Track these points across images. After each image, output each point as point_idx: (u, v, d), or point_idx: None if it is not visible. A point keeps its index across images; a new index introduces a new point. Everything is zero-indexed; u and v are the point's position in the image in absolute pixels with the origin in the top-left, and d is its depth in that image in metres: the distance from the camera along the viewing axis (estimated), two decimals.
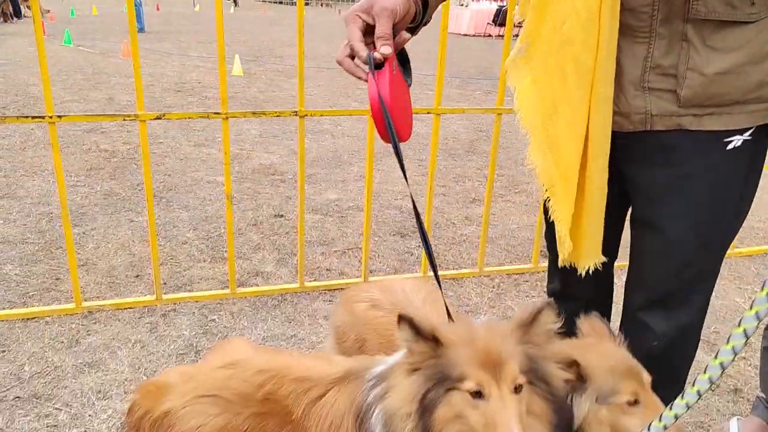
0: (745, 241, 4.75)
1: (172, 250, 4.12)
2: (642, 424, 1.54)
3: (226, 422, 1.58)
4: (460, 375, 1.33)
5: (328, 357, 1.74)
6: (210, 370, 1.68)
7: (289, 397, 1.57)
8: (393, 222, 4.81)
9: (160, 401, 1.64)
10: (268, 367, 1.63)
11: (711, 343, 3.40)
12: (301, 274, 3.66)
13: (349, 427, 1.51)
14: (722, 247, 1.90)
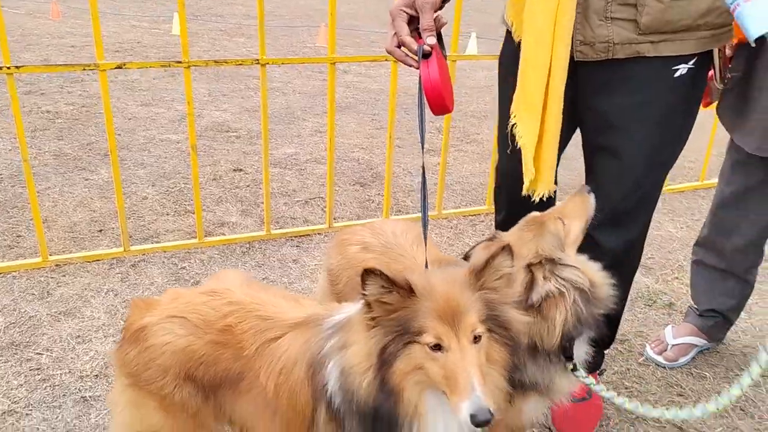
0: (677, 179, 5.11)
1: (133, 206, 4.12)
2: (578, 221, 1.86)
3: (189, 344, 1.65)
4: (419, 328, 1.34)
5: (300, 300, 1.77)
6: (194, 294, 1.76)
7: (246, 333, 1.63)
8: (352, 173, 4.93)
9: (143, 315, 1.73)
10: (239, 301, 1.69)
11: (648, 267, 3.71)
12: (268, 221, 3.76)
13: (300, 374, 1.56)
14: (666, 170, 2.14)
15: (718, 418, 2.55)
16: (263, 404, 1.64)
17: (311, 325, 1.62)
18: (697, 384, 2.75)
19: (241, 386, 1.66)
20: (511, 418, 1.95)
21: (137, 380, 1.70)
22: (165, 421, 1.73)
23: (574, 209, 1.90)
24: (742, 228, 2.68)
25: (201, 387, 1.68)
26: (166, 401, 1.69)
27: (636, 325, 3.17)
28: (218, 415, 1.73)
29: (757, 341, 3.09)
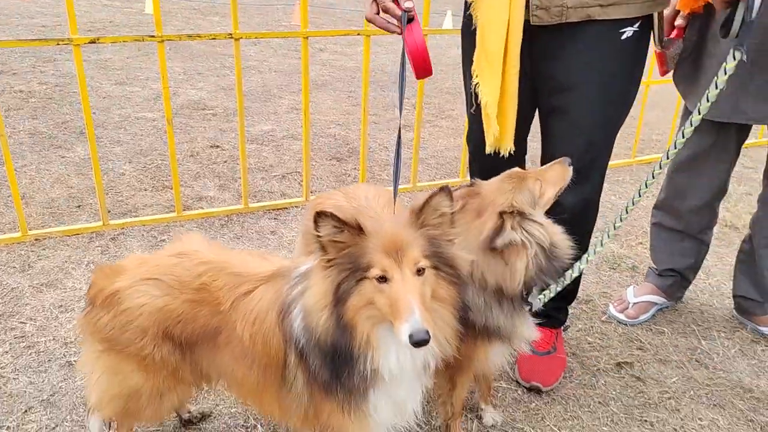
0: (645, 151, 5.27)
1: (111, 182, 4.17)
2: (552, 186, 1.95)
3: (166, 304, 1.74)
4: (367, 263, 1.46)
5: (267, 256, 1.87)
6: (161, 258, 1.84)
7: (221, 290, 1.73)
8: (328, 148, 5.01)
9: (112, 281, 1.80)
10: (209, 260, 1.79)
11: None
12: (245, 195, 3.83)
13: (272, 322, 1.68)
14: (616, 128, 2.29)
15: (674, 369, 2.72)
16: (241, 354, 1.75)
17: (280, 276, 1.73)
18: (655, 338, 2.92)
19: (219, 340, 1.76)
20: (478, 364, 2.09)
21: (113, 344, 1.78)
22: (145, 381, 1.82)
23: (553, 176, 2.02)
24: (696, 190, 2.83)
25: (179, 344, 1.77)
26: (146, 361, 1.78)
27: (600, 286, 3.32)
28: (195, 370, 1.83)
29: (714, 299, 3.26)
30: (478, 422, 2.39)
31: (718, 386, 2.63)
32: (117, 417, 1.96)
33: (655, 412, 2.48)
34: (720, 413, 2.48)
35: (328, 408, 1.69)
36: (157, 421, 2.03)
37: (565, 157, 2.05)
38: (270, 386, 1.76)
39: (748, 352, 2.86)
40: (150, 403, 1.87)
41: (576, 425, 2.39)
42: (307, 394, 1.71)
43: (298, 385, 1.70)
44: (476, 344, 2.01)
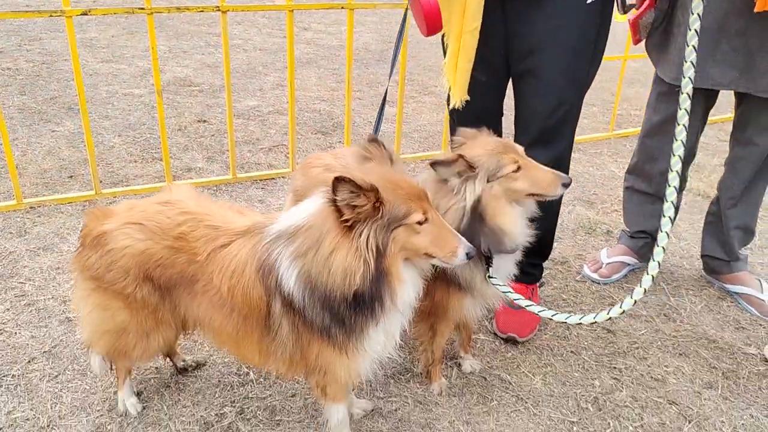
0: (622, 125, 5.44)
1: (101, 154, 4.25)
2: (529, 182, 2.02)
3: (147, 247, 1.86)
4: (406, 212, 1.64)
5: (245, 211, 1.97)
6: (148, 204, 1.95)
7: (198, 241, 1.84)
8: (313, 123, 5.11)
9: (101, 222, 1.92)
10: (191, 211, 1.89)
11: (591, 202, 4.03)
12: (233, 166, 3.94)
13: (251, 276, 1.78)
14: (584, 88, 2.47)
15: (643, 322, 2.89)
16: (219, 304, 1.87)
17: (255, 232, 1.83)
18: (626, 296, 3.07)
19: (196, 288, 1.87)
20: (454, 313, 2.23)
21: (101, 282, 1.91)
22: (131, 318, 1.95)
23: (538, 176, 2.04)
24: (666, 154, 2.96)
25: (158, 287, 1.90)
26: (129, 299, 1.91)
27: (576, 249, 3.48)
28: (175, 312, 1.96)
29: (684, 261, 3.43)
30: (458, 369, 2.54)
31: (684, 337, 2.80)
32: (111, 355, 2.09)
33: (623, 359, 2.64)
34: (685, 361, 2.65)
35: (316, 350, 1.82)
36: (148, 360, 2.16)
37: (565, 178, 2.07)
38: (250, 334, 1.88)
39: (714, 307, 3.03)
40: (138, 342, 2.00)
41: (549, 371, 2.55)
42: (293, 340, 1.83)
43: (282, 332, 1.82)
44: (449, 293, 2.17)
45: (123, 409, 2.22)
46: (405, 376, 2.49)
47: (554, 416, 2.33)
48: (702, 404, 2.42)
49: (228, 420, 2.21)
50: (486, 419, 2.29)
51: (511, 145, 2.08)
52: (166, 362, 2.45)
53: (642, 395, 2.45)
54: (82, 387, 2.32)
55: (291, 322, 1.80)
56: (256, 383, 2.39)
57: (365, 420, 2.25)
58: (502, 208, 2.02)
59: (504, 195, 2.02)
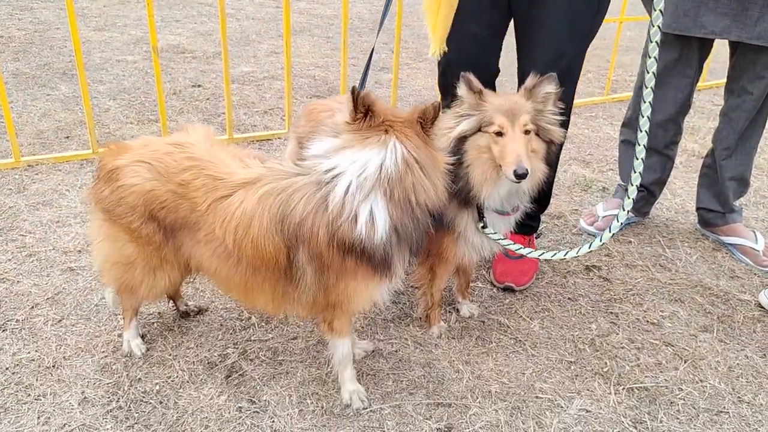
0: (618, 90, 5.45)
1: (97, 116, 4.23)
2: (497, 151, 1.99)
3: (153, 188, 1.87)
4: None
5: (249, 162, 1.91)
6: (161, 143, 1.95)
7: (199, 190, 1.83)
8: (308, 87, 5.10)
9: (115, 157, 1.94)
10: (198, 157, 1.87)
11: (587, 162, 4.06)
12: (230, 126, 3.93)
13: (264, 230, 1.74)
14: (586, 41, 2.45)
15: (639, 271, 2.93)
16: (224, 254, 1.86)
17: (261, 184, 1.78)
18: (622, 247, 3.12)
19: (199, 236, 1.88)
20: (451, 256, 2.26)
21: (111, 215, 1.94)
22: (137, 253, 1.98)
23: (504, 150, 1.96)
24: (662, 105, 3.00)
25: (162, 227, 1.92)
26: (135, 234, 1.93)
27: (572, 205, 3.51)
28: (178, 254, 1.98)
29: (679, 215, 3.47)
30: (456, 314, 2.57)
31: (680, 285, 2.84)
32: (120, 289, 2.12)
33: (619, 305, 2.68)
34: (680, 306, 2.70)
35: (342, 286, 1.83)
36: (155, 298, 2.18)
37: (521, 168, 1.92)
38: (263, 285, 1.88)
39: (709, 258, 3.08)
40: (145, 278, 2.03)
41: (546, 316, 2.59)
42: (317, 284, 1.83)
43: (306, 278, 1.83)
44: (444, 236, 2.20)
45: (128, 349, 2.24)
46: (405, 320, 2.52)
47: (552, 356, 2.37)
48: (697, 346, 2.47)
49: (231, 360, 2.24)
50: (485, 359, 2.33)
51: (519, 112, 1.98)
52: (169, 306, 2.48)
53: (638, 337, 2.49)
54: (87, 330, 2.34)
55: (317, 266, 1.79)
56: (258, 327, 2.42)
57: (367, 360, 2.29)
58: (481, 162, 2.02)
59: (485, 151, 2.02)
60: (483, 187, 2.04)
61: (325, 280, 1.83)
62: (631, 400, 2.19)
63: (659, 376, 2.30)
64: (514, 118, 1.96)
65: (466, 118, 2.00)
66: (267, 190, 1.79)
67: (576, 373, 2.29)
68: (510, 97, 2.05)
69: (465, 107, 2.02)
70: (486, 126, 1.98)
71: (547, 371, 2.30)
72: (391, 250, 1.75)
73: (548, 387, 2.22)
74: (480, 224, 2.18)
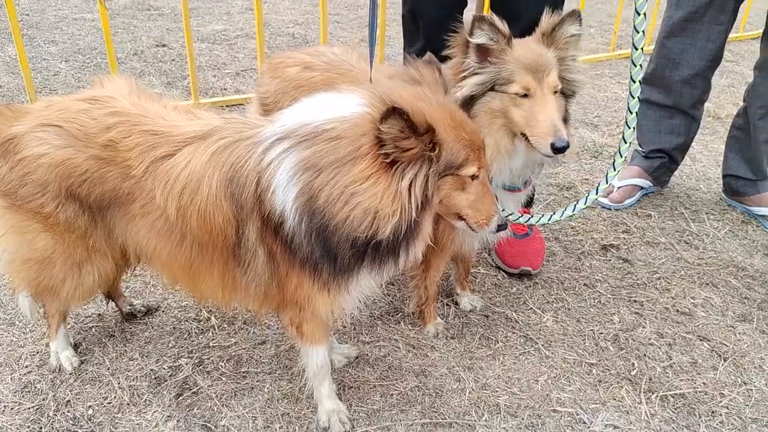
0: (624, 46, 5.01)
1: (45, 80, 3.76)
2: (524, 117, 1.61)
3: (67, 157, 1.46)
4: (463, 161, 1.34)
5: (196, 113, 1.56)
6: (69, 101, 1.52)
7: (133, 150, 1.43)
8: (287, 47, 4.62)
9: (10, 124, 1.50)
10: (124, 111, 1.48)
11: (594, 125, 3.64)
12: (195, 90, 3.48)
13: (212, 191, 1.39)
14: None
15: (662, 250, 2.54)
16: (165, 229, 1.48)
17: (216, 138, 1.43)
18: (642, 222, 2.73)
19: (133, 209, 1.48)
20: (446, 242, 1.86)
21: (14, 199, 1.51)
22: (55, 245, 1.55)
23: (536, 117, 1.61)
24: (689, 57, 2.58)
25: (87, 207, 1.50)
26: (50, 221, 1.51)
27: (582, 174, 3.11)
28: (109, 238, 1.56)
29: (701, 183, 3.08)
30: (455, 308, 2.19)
31: (710, 266, 2.47)
32: (36, 292, 1.70)
33: (643, 291, 2.31)
34: (714, 291, 2.33)
35: (295, 281, 1.47)
36: (83, 300, 1.76)
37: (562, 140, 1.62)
38: (211, 267, 1.52)
39: (738, 232, 2.70)
40: (68, 275, 1.62)
41: (561, 307, 2.21)
42: (269, 271, 1.48)
43: (257, 262, 1.46)
44: (442, 221, 1.79)
45: (56, 363, 1.84)
46: (395, 316, 2.13)
47: (569, 358, 1.99)
48: (737, 339, 2.10)
49: (184, 373, 1.85)
50: (491, 363, 1.95)
51: (547, 68, 1.61)
52: (110, 306, 2.07)
53: (668, 331, 2.12)
54: (9, 339, 1.95)
55: (269, 249, 1.43)
56: (218, 329, 2.02)
57: (349, 368, 1.90)
58: (495, 131, 1.65)
59: (499, 116, 1.63)
60: (494, 161, 1.64)
61: (277, 269, 1.46)
62: (666, 410, 1.83)
63: (696, 379, 1.94)
64: (541, 75, 1.56)
65: (477, 74, 1.58)
66: (222, 145, 1.41)
67: (599, 378, 1.92)
68: (529, 45, 1.63)
69: (473, 58, 1.60)
70: (503, 85, 1.58)
71: (565, 377, 1.92)
72: (315, 255, 1.37)
73: (567, 397, 1.85)
74: None
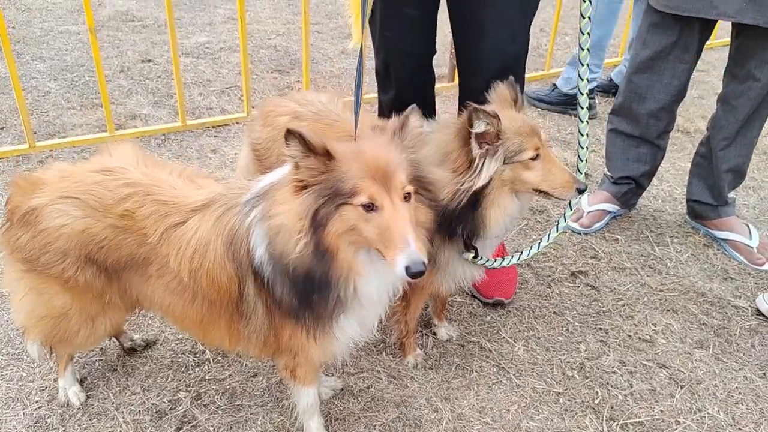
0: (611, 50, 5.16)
1: (35, 101, 3.83)
2: (540, 176, 1.77)
3: (87, 226, 1.58)
4: (351, 189, 1.35)
5: (200, 181, 1.68)
6: (84, 173, 1.64)
7: (148, 219, 1.57)
8: (270, 60, 4.71)
9: (30, 197, 1.62)
10: (137, 182, 1.61)
11: (567, 142, 3.80)
12: (182, 112, 3.58)
13: (217, 255, 1.53)
14: (532, 17, 2.27)
15: (628, 276, 2.72)
16: (179, 289, 1.62)
17: (219, 205, 1.58)
18: (609, 247, 2.90)
19: (150, 271, 1.62)
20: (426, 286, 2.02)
21: (35, 265, 1.63)
22: (72, 303, 1.69)
23: (553, 173, 1.79)
24: (655, 92, 2.74)
25: (104, 269, 1.63)
26: (69, 284, 1.64)
27: None
28: (125, 296, 1.70)
29: (666, 205, 3.26)
30: (434, 338, 2.34)
31: (672, 291, 2.65)
32: (49, 341, 1.83)
33: (609, 319, 2.48)
34: (673, 318, 2.51)
35: (289, 331, 1.61)
36: (93, 346, 1.91)
37: (581, 184, 1.82)
38: (218, 320, 1.66)
39: (700, 256, 2.88)
40: (82, 327, 1.75)
41: (531, 336, 2.38)
42: (267, 323, 1.62)
43: (257, 315, 1.61)
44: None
45: (64, 399, 1.98)
46: (377, 347, 2.29)
47: (538, 387, 2.16)
48: (693, 366, 2.28)
49: (183, 407, 1.99)
50: (466, 394, 2.12)
51: (536, 129, 1.79)
52: (112, 342, 2.20)
53: (630, 359, 2.30)
54: (18, 374, 2.07)
55: (265, 303, 1.58)
56: (213, 362, 2.16)
57: (334, 400, 2.06)
58: (503, 198, 1.78)
59: (510, 183, 1.77)
60: (499, 224, 1.82)
61: (273, 320, 1.61)
62: None
63: (654, 407, 2.12)
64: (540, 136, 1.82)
65: (489, 159, 1.76)
66: (223, 211, 1.56)
67: (565, 407, 2.09)
68: (510, 113, 1.82)
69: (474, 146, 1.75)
70: (514, 156, 1.78)
71: (534, 406, 2.09)
72: (294, 303, 1.51)
73: (536, 426, 2.02)
74: (470, 255, 1.93)
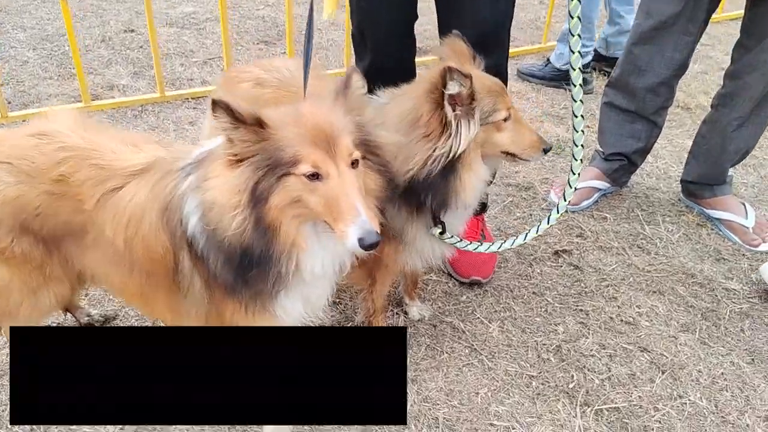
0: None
1: (12, 71, 3.72)
2: (511, 138, 1.67)
3: (20, 194, 1.49)
4: (292, 158, 1.24)
5: (141, 144, 1.58)
6: (18, 137, 1.56)
7: (84, 184, 1.48)
8: (256, 31, 4.56)
9: None
10: (74, 146, 1.51)
11: (560, 117, 3.65)
12: (160, 83, 3.45)
13: (153, 223, 1.44)
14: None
15: (614, 255, 2.59)
16: (116, 259, 1.52)
17: (157, 169, 1.48)
18: (597, 225, 2.77)
19: (87, 240, 1.53)
20: (391, 262, 1.90)
21: None
22: (11, 276, 1.58)
23: (522, 134, 1.71)
24: (655, 66, 2.58)
25: (41, 239, 1.53)
26: (5, 255, 1.54)
27: (543, 172, 3.14)
28: (66, 266, 1.60)
29: (661, 182, 3.12)
30: (405, 317, 2.24)
31: (659, 272, 2.52)
32: None
33: (591, 300, 2.36)
34: (659, 300, 2.38)
35: (231, 308, 1.51)
36: (40, 320, 1.81)
37: (547, 143, 1.76)
38: (158, 292, 1.56)
39: (692, 236, 2.75)
40: (24, 301, 1.65)
41: (508, 317, 2.27)
42: (207, 296, 1.52)
43: (195, 289, 1.51)
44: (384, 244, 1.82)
45: None
46: (345, 326, 2.18)
47: (511, 370, 2.05)
48: (677, 350, 2.17)
49: None
50: (434, 375, 2.01)
51: (504, 88, 1.70)
52: (68, 317, 2.11)
53: (610, 342, 2.18)
54: None
55: (202, 277, 1.48)
56: None
57: None
58: (476, 163, 1.67)
59: (480, 147, 1.66)
60: (474, 189, 1.69)
61: (213, 296, 1.51)
62: (600, 424, 1.90)
63: (633, 392, 2.00)
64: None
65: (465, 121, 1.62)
66: (161, 177, 1.47)
67: (538, 391, 1.99)
68: (479, 73, 1.71)
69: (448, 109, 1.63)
70: (489, 116, 1.68)
71: (505, 389, 1.99)
72: (229, 278, 1.41)
73: (505, 410, 1.92)
74: (437, 230, 1.81)
